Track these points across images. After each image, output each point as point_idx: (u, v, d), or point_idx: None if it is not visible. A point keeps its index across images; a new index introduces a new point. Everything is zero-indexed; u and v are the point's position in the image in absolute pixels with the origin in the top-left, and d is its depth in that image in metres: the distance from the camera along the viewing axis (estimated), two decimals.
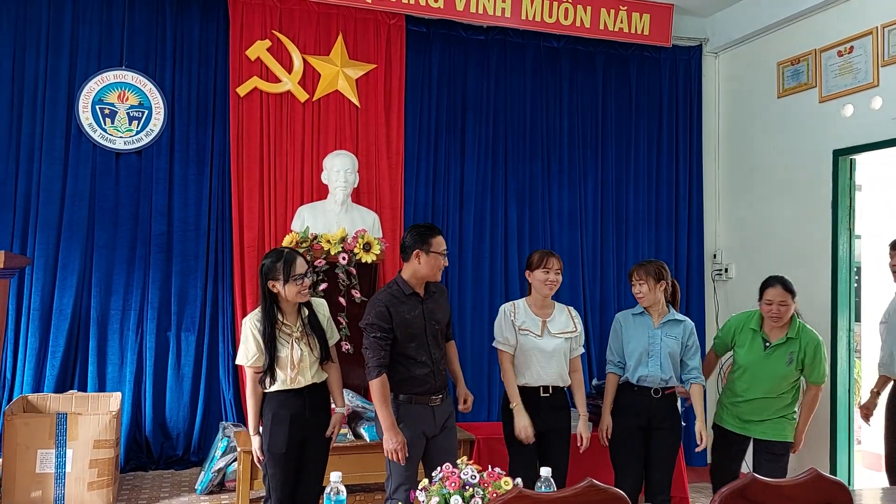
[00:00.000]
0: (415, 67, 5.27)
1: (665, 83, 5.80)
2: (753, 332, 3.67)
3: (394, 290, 3.17)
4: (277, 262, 3.07)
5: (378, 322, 3.07)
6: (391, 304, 3.11)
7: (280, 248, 3.34)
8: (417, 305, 3.17)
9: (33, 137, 4.59)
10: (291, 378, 3.10)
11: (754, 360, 3.64)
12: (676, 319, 3.70)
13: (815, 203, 4.91)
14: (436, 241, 3.16)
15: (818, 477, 1.82)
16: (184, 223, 4.80)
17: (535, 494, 1.75)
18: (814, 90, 4.95)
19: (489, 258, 5.34)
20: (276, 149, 4.94)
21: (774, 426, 3.62)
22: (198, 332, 4.80)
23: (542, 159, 5.51)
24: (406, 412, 3.12)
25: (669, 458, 3.62)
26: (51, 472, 3.79)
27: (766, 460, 3.64)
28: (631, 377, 3.60)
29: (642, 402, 3.58)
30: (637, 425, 3.60)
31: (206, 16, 4.90)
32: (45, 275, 4.55)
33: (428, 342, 3.17)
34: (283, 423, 3.10)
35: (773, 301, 3.55)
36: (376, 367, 3.07)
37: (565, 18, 5.34)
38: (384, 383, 3.08)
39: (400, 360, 3.13)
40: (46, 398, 4.24)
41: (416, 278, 3.19)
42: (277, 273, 3.06)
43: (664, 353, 3.60)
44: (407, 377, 3.14)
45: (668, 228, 5.75)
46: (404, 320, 3.11)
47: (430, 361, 3.17)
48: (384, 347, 3.08)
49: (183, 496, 4.22)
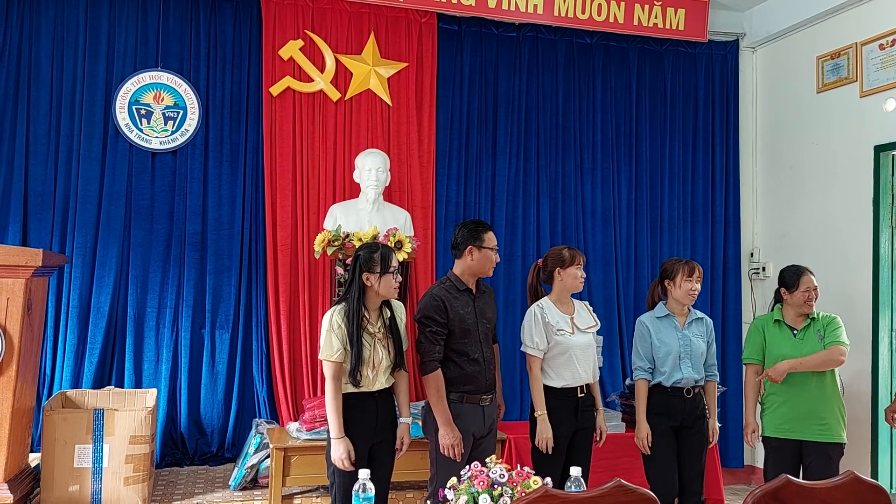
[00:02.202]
0: (446, 65, 5.26)
1: (700, 79, 5.70)
2: (778, 324, 3.75)
3: (447, 284, 3.20)
4: (375, 254, 3.02)
5: (434, 315, 3.09)
6: (446, 298, 3.13)
7: (373, 242, 3.32)
8: (470, 302, 3.20)
9: (72, 139, 4.68)
10: (371, 380, 3.01)
11: (791, 349, 3.67)
12: (699, 318, 3.71)
13: (855, 200, 4.80)
14: (487, 237, 3.21)
15: (855, 480, 1.77)
16: (218, 222, 4.85)
17: (563, 494, 1.73)
18: (854, 85, 4.83)
19: (521, 257, 5.31)
20: (309, 148, 4.97)
21: (824, 428, 3.57)
22: (231, 329, 4.84)
23: (574, 157, 5.46)
24: (459, 412, 3.11)
25: (701, 458, 3.58)
26: (88, 467, 3.85)
27: (817, 464, 3.57)
28: (666, 381, 3.54)
29: (675, 403, 3.53)
30: (671, 427, 3.55)
31: (240, 17, 4.95)
32: (83, 273, 4.64)
33: (480, 339, 3.18)
34: (351, 430, 3.00)
35: (810, 288, 3.69)
36: (432, 360, 3.08)
37: (598, 14, 5.29)
38: (440, 378, 3.09)
39: (453, 356, 3.14)
40: (84, 394, 4.32)
41: (469, 274, 3.21)
42: (375, 265, 3.00)
43: (696, 353, 3.57)
44: (459, 374, 3.13)
45: (703, 226, 5.65)
46: (459, 315, 3.13)
47: (482, 359, 3.18)
48: (439, 342, 3.10)
49: (217, 492, 4.26)
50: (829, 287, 4.17)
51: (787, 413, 3.65)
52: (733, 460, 5.42)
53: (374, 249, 3.06)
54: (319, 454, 3.24)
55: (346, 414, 3.00)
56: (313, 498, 4.16)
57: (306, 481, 4.16)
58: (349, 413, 3.01)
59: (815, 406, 3.61)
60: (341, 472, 2.99)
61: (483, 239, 3.19)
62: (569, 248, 3.52)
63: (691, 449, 3.56)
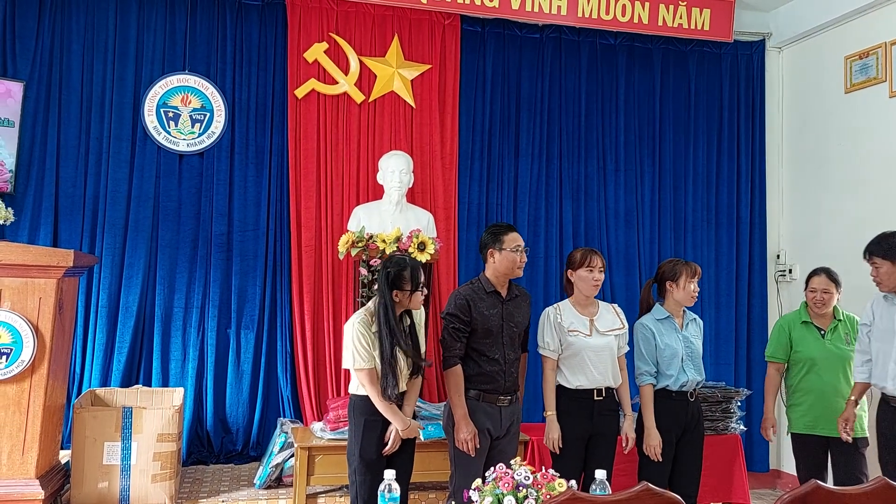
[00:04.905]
0: (469, 67, 5.27)
1: (726, 79, 5.66)
2: (806, 324, 3.83)
3: (476, 286, 3.27)
4: (404, 271, 3.09)
5: (457, 313, 3.16)
6: (471, 297, 3.20)
7: (398, 256, 3.41)
8: (497, 304, 3.24)
9: (101, 141, 4.75)
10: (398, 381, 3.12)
11: (818, 350, 3.77)
12: (693, 318, 3.71)
13: (884, 201, 4.73)
14: (508, 238, 3.23)
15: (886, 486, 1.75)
16: (243, 223, 4.90)
17: (590, 497, 1.73)
18: (883, 85, 4.77)
19: (544, 258, 5.31)
20: (333, 150, 5.01)
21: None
22: (257, 329, 4.89)
23: (597, 158, 5.45)
24: (474, 408, 3.17)
25: (699, 460, 3.57)
26: (117, 464, 3.90)
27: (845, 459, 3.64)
28: (673, 385, 3.51)
29: (680, 408, 3.51)
30: (674, 433, 3.52)
31: (265, 20, 4.99)
32: (111, 273, 4.71)
33: (503, 342, 3.22)
34: (375, 430, 3.10)
35: (816, 289, 3.81)
36: (452, 356, 3.16)
37: (622, 15, 5.27)
38: (459, 373, 3.16)
39: (473, 354, 3.20)
40: (113, 392, 4.38)
41: (497, 277, 3.26)
42: (406, 283, 3.08)
43: (696, 354, 3.56)
44: (477, 372, 3.19)
45: (728, 228, 5.61)
46: (482, 315, 3.18)
47: (503, 361, 3.21)
48: (460, 339, 3.17)
49: (242, 490, 4.30)
50: (857, 289, 4.12)
51: (813, 410, 3.74)
52: (759, 464, 5.38)
53: (403, 266, 3.11)
54: (343, 454, 3.27)
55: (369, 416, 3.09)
56: (337, 497, 4.19)
57: (330, 480, 4.19)
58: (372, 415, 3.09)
59: (841, 403, 3.65)
60: (363, 472, 3.05)
61: (503, 241, 3.22)
62: (584, 250, 3.47)
63: (690, 452, 3.54)
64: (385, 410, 3.10)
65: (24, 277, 3.52)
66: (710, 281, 5.55)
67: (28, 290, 3.54)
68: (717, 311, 5.54)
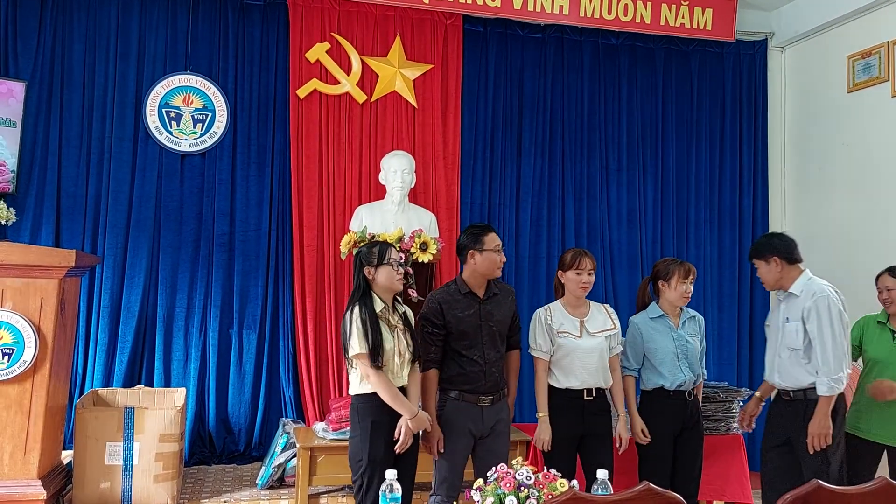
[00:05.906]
0: (471, 67, 5.27)
1: (728, 79, 5.66)
2: (880, 325, 3.65)
3: (451, 288, 3.25)
4: (373, 248, 3.13)
5: (430, 317, 3.18)
6: (444, 301, 3.19)
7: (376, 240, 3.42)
8: (473, 305, 3.21)
9: (103, 141, 4.75)
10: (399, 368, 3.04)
11: (884, 353, 3.59)
12: (692, 316, 3.65)
13: (887, 201, 4.72)
14: (488, 239, 3.20)
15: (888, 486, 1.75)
16: (245, 223, 4.90)
17: (591, 497, 1.73)
18: (886, 84, 4.76)
19: (546, 258, 5.30)
20: (335, 150, 5.01)
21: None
22: (259, 329, 4.89)
23: (599, 158, 5.45)
24: (454, 408, 3.18)
25: (699, 459, 3.55)
26: (119, 465, 3.90)
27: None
28: (669, 385, 3.50)
29: (678, 407, 3.50)
30: (672, 432, 3.51)
31: (267, 20, 4.99)
32: (113, 273, 4.71)
33: (483, 342, 3.19)
34: (382, 431, 3.02)
35: (881, 288, 3.64)
36: (426, 360, 3.17)
37: (625, 15, 5.26)
38: (431, 378, 3.19)
39: (453, 355, 3.21)
40: (115, 392, 4.38)
41: (476, 278, 3.24)
42: (372, 256, 3.09)
43: (692, 354, 3.53)
44: (458, 373, 3.19)
45: (731, 228, 5.61)
46: (457, 318, 3.17)
47: (483, 361, 3.19)
48: (434, 343, 3.17)
49: (244, 490, 4.30)
50: (861, 289, 4.11)
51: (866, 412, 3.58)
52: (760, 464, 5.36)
53: (373, 245, 3.16)
54: (345, 454, 3.25)
55: (375, 416, 3.02)
56: (339, 497, 4.19)
57: (332, 481, 4.19)
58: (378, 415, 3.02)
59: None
60: (371, 476, 2.99)
61: (484, 242, 3.19)
62: (574, 251, 3.44)
63: (690, 451, 3.53)
64: (392, 398, 2.99)
65: (26, 278, 3.52)
66: (713, 281, 5.54)
67: (30, 291, 3.54)
68: (720, 311, 5.53)
